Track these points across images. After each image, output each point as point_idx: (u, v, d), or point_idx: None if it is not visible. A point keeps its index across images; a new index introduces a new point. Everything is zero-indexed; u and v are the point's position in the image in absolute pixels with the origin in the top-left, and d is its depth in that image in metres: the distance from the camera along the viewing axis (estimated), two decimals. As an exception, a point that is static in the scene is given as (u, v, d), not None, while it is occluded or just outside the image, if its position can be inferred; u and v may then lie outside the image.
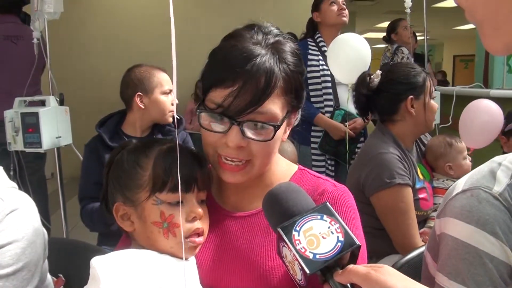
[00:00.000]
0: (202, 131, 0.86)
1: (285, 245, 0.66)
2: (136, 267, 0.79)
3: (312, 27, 2.92)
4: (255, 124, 0.82)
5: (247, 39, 0.84)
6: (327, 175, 2.67)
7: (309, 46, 2.83)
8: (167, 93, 2.02)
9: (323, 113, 2.75)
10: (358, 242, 0.66)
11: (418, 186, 1.84)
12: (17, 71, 2.84)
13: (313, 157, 2.77)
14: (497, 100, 3.66)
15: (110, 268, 0.77)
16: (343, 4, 2.82)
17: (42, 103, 2.30)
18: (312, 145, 2.78)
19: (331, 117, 2.74)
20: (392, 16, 4.92)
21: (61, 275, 1.27)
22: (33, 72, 2.52)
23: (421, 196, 1.84)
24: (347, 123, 2.65)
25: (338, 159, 2.79)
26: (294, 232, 0.66)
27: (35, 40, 2.32)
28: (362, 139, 2.81)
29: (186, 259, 0.85)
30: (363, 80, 1.91)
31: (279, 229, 0.67)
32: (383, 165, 1.74)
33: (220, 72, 0.82)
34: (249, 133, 0.82)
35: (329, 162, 2.79)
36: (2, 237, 0.88)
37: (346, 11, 2.81)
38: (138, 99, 1.99)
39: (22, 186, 2.68)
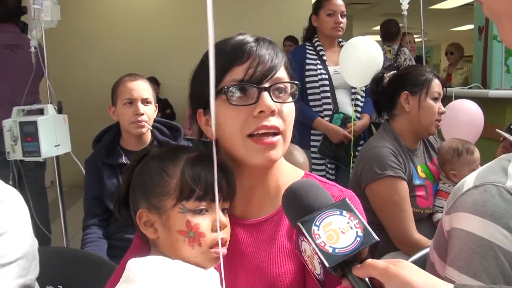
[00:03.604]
0: (226, 118, 0.85)
1: (305, 239, 0.67)
2: (169, 272, 0.80)
3: (312, 28, 2.94)
4: (279, 89, 0.87)
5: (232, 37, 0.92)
6: (328, 179, 2.66)
7: (307, 51, 2.84)
8: (125, 103, 1.93)
9: (322, 117, 2.75)
10: (376, 238, 0.67)
11: (416, 183, 1.87)
12: (18, 80, 2.84)
13: (313, 161, 2.77)
14: (496, 100, 3.68)
15: (146, 270, 0.78)
16: (343, 15, 2.80)
17: (41, 112, 2.30)
18: (312, 149, 2.78)
19: (330, 121, 2.74)
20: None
21: (60, 287, 1.26)
22: (31, 81, 2.52)
23: (418, 193, 1.87)
24: (352, 125, 2.66)
25: (337, 162, 2.79)
26: (314, 227, 0.67)
27: (32, 49, 2.32)
28: (362, 142, 2.82)
29: (207, 269, 0.85)
30: (376, 79, 1.98)
31: (299, 224, 0.68)
32: (376, 158, 1.80)
33: (234, 51, 0.87)
34: (276, 98, 0.86)
35: (329, 166, 2.79)
36: None
37: (343, 24, 2.80)
38: (111, 111, 2.01)
39: (22, 196, 2.67)
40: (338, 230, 0.67)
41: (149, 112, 1.97)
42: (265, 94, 0.84)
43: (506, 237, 0.88)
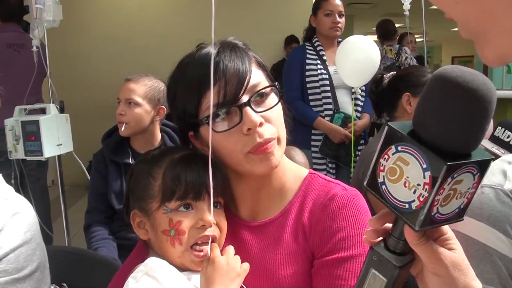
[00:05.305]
0: (220, 145, 0.83)
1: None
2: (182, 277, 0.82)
3: (312, 28, 2.95)
4: (257, 97, 0.83)
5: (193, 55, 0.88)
6: (329, 178, 2.67)
7: (307, 51, 2.85)
8: (118, 102, 1.95)
9: (323, 117, 2.76)
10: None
11: None
12: (21, 80, 2.84)
13: (314, 160, 2.78)
14: (497, 100, 3.67)
15: (166, 268, 0.80)
16: (341, 15, 2.80)
17: (43, 111, 2.30)
18: (313, 149, 2.78)
19: (331, 121, 2.75)
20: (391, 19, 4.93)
21: (64, 284, 1.27)
22: (34, 80, 2.52)
23: None
24: (352, 124, 2.66)
25: (338, 162, 2.80)
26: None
27: (34, 48, 2.33)
28: (362, 141, 2.82)
29: (193, 270, 0.84)
30: (375, 80, 1.98)
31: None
32: None
33: (200, 74, 0.82)
34: (259, 108, 0.83)
35: (330, 165, 2.79)
36: (12, 241, 0.89)
37: (341, 23, 2.80)
38: None
39: (24, 195, 2.68)
40: (458, 193, 0.56)
41: (132, 114, 1.91)
42: (248, 110, 0.81)
43: (503, 241, 0.88)
